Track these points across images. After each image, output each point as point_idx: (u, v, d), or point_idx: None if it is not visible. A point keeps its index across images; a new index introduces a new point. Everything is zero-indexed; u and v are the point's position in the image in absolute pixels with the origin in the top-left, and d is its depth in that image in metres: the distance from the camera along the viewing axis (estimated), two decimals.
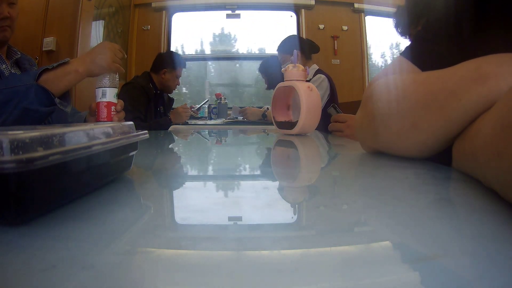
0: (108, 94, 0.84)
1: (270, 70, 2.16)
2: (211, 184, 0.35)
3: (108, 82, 0.84)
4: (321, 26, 3.06)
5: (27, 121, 0.79)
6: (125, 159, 0.31)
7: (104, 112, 0.84)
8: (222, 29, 3.23)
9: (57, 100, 0.81)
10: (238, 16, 3.15)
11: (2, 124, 0.77)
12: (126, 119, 1.84)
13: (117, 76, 0.86)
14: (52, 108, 0.81)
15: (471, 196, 0.27)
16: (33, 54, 1.78)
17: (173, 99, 2.35)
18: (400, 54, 0.53)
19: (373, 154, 0.51)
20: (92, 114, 0.89)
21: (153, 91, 2.06)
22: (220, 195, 0.29)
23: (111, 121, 0.84)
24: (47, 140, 0.19)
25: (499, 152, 0.22)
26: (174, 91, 2.26)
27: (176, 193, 0.32)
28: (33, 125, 0.81)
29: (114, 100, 0.85)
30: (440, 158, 0.41)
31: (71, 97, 0.91)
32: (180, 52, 2.33)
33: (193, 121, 2.30)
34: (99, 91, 0.84)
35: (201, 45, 3.27)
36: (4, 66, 1.01)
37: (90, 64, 0.86)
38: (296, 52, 0.97)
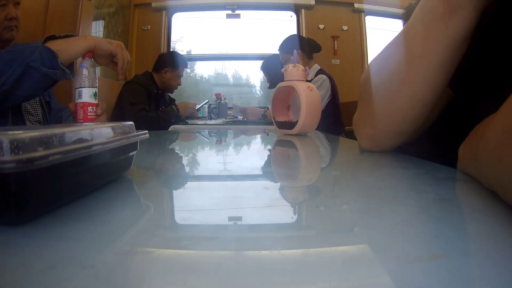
0: (84, 95, 0.81)
1: (272, 68, 2.15)
2: (211, 184, 0.35)
3: (85, 82, 0.81)
4: (321, 26, 3.06)
5: (29, 83, 0.78)
6: (125, 159, 0.31)
7: (80, 114, 0.81)
8: (222, 29, 3.23)
9: (59, 61, 0.80)
10: (238, 16, 3.15)
11: (3, 84, 0.76)
12: (131, 113, 1.83)
13: (96, 75, 0.84)
14: (55, 72, 0.80)
15: (471, 196, 0.27)
16: None
17: (174, 99, 2.35)
18: None
19: (373, 154, 0.51)
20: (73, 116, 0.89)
21: (154, 89, 2.06)
22: (220, 195, 0.29)
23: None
24: (47, 140, 0.19)
25: (500, 156, 0.22)
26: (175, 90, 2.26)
27: (176, 193, 0.32)
28: (34, 91, 0.80)
29: (92, 101, 0.82)
30: (444, 159, 0.41)
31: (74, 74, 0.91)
32: (180, 52, 2.34)
33: (193, 121, 2.30)
34: (76, 92, 0.82)
35: (201, 45, 3.27)
36: None
37: (98, 38, 0.88)
38: (295, 52, 0.97)
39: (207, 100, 2.83)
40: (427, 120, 0.49)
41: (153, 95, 2.05)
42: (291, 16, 3.14)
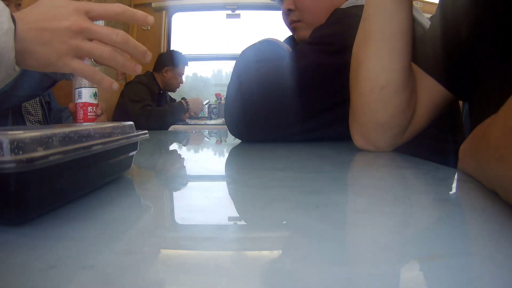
0: (84, 95, 0.81)
1: None
2: (211, 184, 0.35)
3: (85, 82, 0.80)
4: None
5: (28, 83, 0.77)
6: (125, 159, 0.31)
7: (80, 114, 0.81)
8: (222, 29, 3.23)
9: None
10: (238, 16, 3.14)
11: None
12: (135, 110, 1.82)
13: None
14: (55, 72, 0.78)
15: (471, 196, 0.27)
16: None
17: (175, 100, 2.35)
18: None
19: (372, 154, 0.51)
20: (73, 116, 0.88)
21: (156, 89, 2.06)
22: (220, 195, 0.29)
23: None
24: (47, 140, 0.19)
25: (500, 156, 0.22)
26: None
27: (176, 193, 0.32)
28: (34, 91, 0.78)
29: (92, 101, 0.82)
30: (444, 159, 0.41)
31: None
32: (180, 51, 2.35)
33: (193, 121, 2.30)
34: (76, 92, 0.81)
35: (201, 45, 3.27)
36: None
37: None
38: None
39: (207, 100, 2.82)
40: (417, 116, 0.50)
41: (155, 95, 2.06)
42: None
